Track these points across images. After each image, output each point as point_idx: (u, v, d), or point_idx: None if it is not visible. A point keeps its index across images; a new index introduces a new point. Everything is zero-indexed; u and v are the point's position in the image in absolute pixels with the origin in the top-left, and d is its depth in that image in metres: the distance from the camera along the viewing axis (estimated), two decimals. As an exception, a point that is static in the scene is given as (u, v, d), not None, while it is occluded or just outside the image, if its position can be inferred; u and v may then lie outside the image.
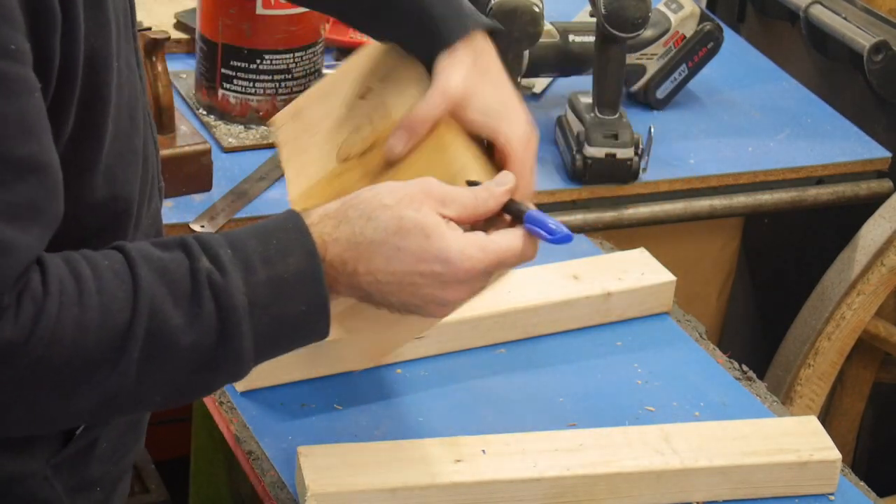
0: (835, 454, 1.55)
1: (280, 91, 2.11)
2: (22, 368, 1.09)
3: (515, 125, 1.37)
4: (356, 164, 1.42)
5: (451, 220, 1.24)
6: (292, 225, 1.22)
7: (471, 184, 1.31)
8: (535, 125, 1.40)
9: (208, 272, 1.15)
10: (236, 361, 1.18)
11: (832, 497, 1.56)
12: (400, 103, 1.42)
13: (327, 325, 1.21)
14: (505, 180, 1.29)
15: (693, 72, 2.33)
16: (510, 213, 1.29)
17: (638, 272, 1.81)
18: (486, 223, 1.28)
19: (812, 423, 1.59)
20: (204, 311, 1.15)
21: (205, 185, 1.98)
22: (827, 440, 1.56)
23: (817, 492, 1.56)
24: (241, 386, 1.60)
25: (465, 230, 1.25)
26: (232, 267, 1.16)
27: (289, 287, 1.18)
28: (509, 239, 1.26)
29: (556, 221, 1.27)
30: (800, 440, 1.56)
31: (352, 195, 1.24)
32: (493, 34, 1.42)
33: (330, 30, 2.34)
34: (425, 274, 1.22)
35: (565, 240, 1.27)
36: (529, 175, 1.36)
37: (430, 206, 1.23)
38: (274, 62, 2.09)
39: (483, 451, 1.50)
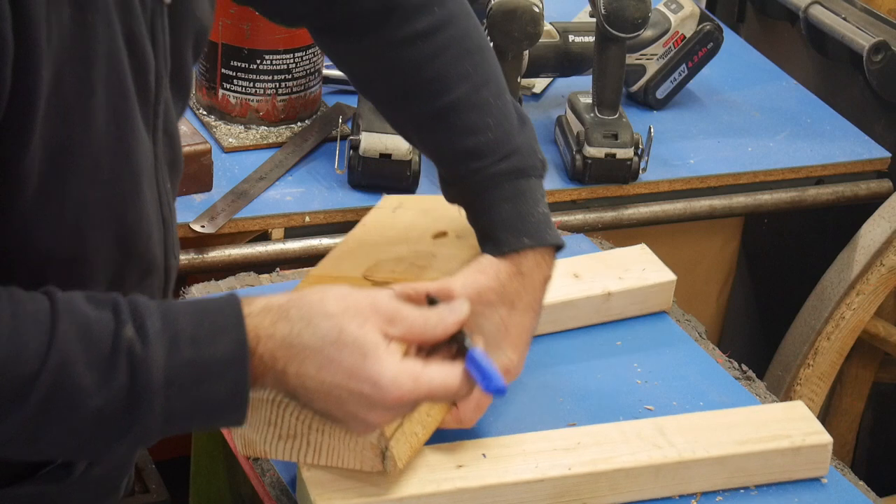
0: (826, 438, 1.57)
1: (280, 91, 2.11)
2: None
3: (501, 355, 1.42)
4: (369, 287, 1.46)
5: (395, 338, 1.23)
6: (230, 311, 1.18)
7: (430, 301, 1.32)
8: (520, 368, 1.46)
9: (130, 341, 1.13)
10: (141, 433, 1.16)
11: (824, 480, 1.57)
12: (441, 267, 1.48)
13: (244, 415, 1.19)
14: (460, 309, 1.29)
15: (693, 72, 2.33)
16: (456, 344, 1.28)
17: (639, 269, 1.82)
18: (430, 346, 1.28)
19: (800, 409, 1.61)
20: (116, 378, 1.12)
21: (205, 185, 1.98)
22: (816, 425, 1.58)
23: (810, 476, 1.57)
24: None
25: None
26: (156, 340, 1.14)
27: (211, 372, 1.16)
28: (444, 375, 1.24)
29: (495, 370, 1.26)
30: (790, 426, 1.57)
31: (300, 294, 1.22)
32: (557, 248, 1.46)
33: (330, 30, 2.34)
34: (353, 392, 1.20)
35: (498, 392, 1.26)
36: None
37: (373, 324, 1.21)
38: (274, 62, 2.09)
39: (483, 454, 1.50)
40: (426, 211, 1.62)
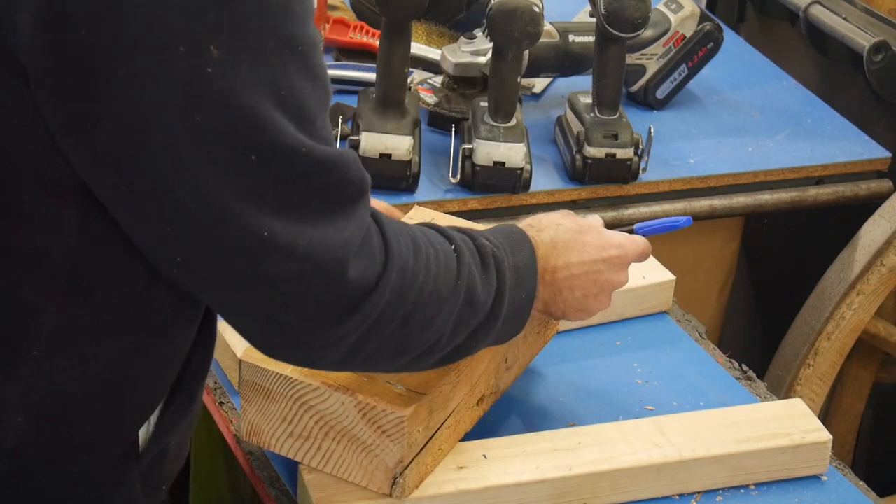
0: (825, 435, 1.57)
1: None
2: (384, 301, 1.23)
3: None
4: None
5: None
6: (516, 229, 1.43)
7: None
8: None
9: (491, 248, 1.35)
10: (489, 332, 1.35)
11: (824, 478, 1.57)
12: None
13: (527, 319, 1.41)
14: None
15: (693, 72, 2.33)
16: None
17: (637, 271, 1.81)
18: None
19: (799, 406, 1.61)
20: (490, 278, 1.34)
21: (205, 185, 1.98)
22: (816, 422, 1.58)
23: (809, 473, 1.57)
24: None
25: None
26: (501, 248, 1.37)
27: (521, 275, 1.38)
28: (638, 238, 1.55)
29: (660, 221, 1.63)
30: (789, 424, 1.58)
31: (532, 217, 1.49)
32: None
33: (330, 30, 2.34)
34: (606, 259, 1.48)
35: (688, 222, 1.62)
36: None
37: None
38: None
39: (484, 455, 1.50)
40: None
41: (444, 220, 1.67)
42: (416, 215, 1.67)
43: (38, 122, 1.12)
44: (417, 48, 2.30)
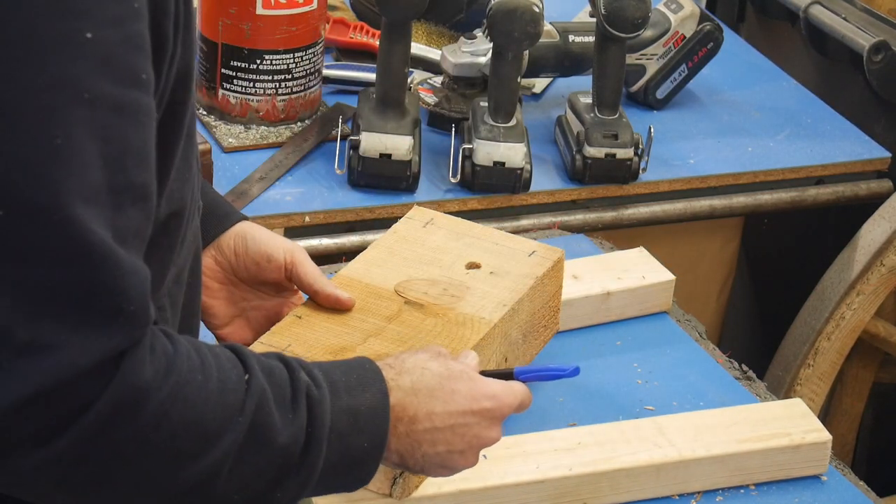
0: (825, 435, 1.57)
1: (280, 91, 2.11)
2: (148, 418, 1.06)
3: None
4: (397, 303, 1.51)
5: None
6: (369, 365, 1.25)
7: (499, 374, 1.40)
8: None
9: (307, 384, 1.17)
10: (303, 483, 1.17)
11: (824, 478, 1.57)
12: (475, 303, 1.52)
13: (375, 469, 1.23)
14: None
15: (693, 72, 2.33)
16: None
17: (637, 272, 1.82)
18: None
19: (799, 406, 1.61)
20: (298, 419, 1.15)
21: (205, 185, 1.98)
22: (816, 422, 1.58)
23: (809, 473, 1.57)
24: None
25: None
26: (323, 386, 1.19)
27: (361, 420, 1.20)
28: (520, 386, 1.36)
29: (545, 368, 1.42)
30: (789, 424, 1.58)
31: (394, 357, 1.30)
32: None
33: (330, 30, 2.34)
34: (476, 412, 1.29)
35: (574, 372, 1.40)
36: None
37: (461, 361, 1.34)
38: (274, 62, 2.09)
39: (484, 455, 1.50)
40: (458, 234, 1.63)
41: (444, 220, 1.67)
42: (416, 215, 1.67)
43: None
44: (417, 48, 2.30)
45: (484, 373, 1.34)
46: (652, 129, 2.13)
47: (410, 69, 2.11)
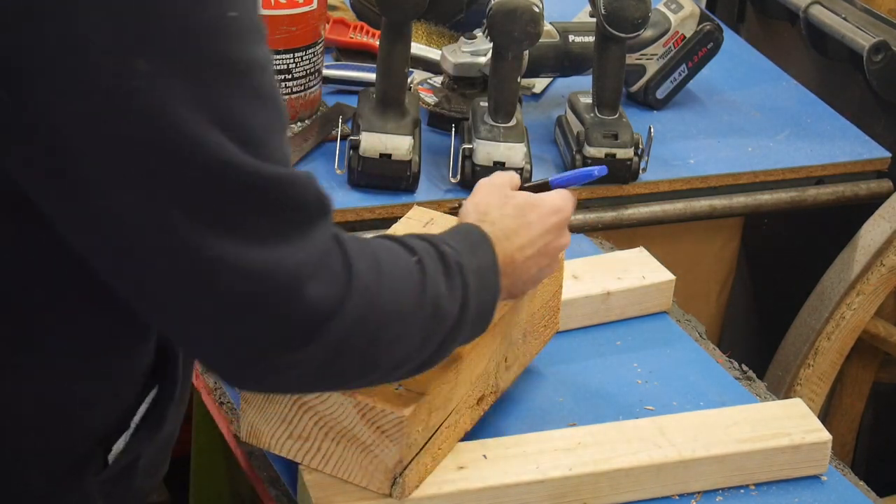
0: (825, 435, 1.57)
1: (280, 91, 2.11)
2: (348, 324, 1.18)
3: None
4: None
5: None
6: (473, 229, 1.41)
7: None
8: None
9: (455, 254, 1.32)
10: (456, 340, 1.33)
11: (824, 478, 1.57)
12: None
13: (491, 319, 1.38)
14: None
15: (693, 72, 2.33)
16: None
17: (637, 271, 1.82)
18: None
19: (799, 406, 1.61)
20: (455, 285, 1.31)
21: (205, 185, 1.98)
22: (815, 422, 1.58)
23: (809, 473, 1.57)
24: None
25: None
26: (463, 253, 1.34)
27: (485, 276, 1.36)
28: (563, 192, 1.55)
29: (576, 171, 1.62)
30: (789, 424, 1.58)
31: (482, 213, 1.48)
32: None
33: (330, 30, 2.34)
34: (549, 230, 1.48)
35: (601, 171, 1.60)
36: None
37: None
38: (274, 62, 2.09)
39: (484, 455, 1.50)
40: None
41: (445, 220, 1.67)
42: (416, 215, 1.67)
43: None
44: (417, 48, 2.30)
45: (524, 187, 1.54)
46: (652, 129, 2.13)
47: (410, 69, 2.11)
